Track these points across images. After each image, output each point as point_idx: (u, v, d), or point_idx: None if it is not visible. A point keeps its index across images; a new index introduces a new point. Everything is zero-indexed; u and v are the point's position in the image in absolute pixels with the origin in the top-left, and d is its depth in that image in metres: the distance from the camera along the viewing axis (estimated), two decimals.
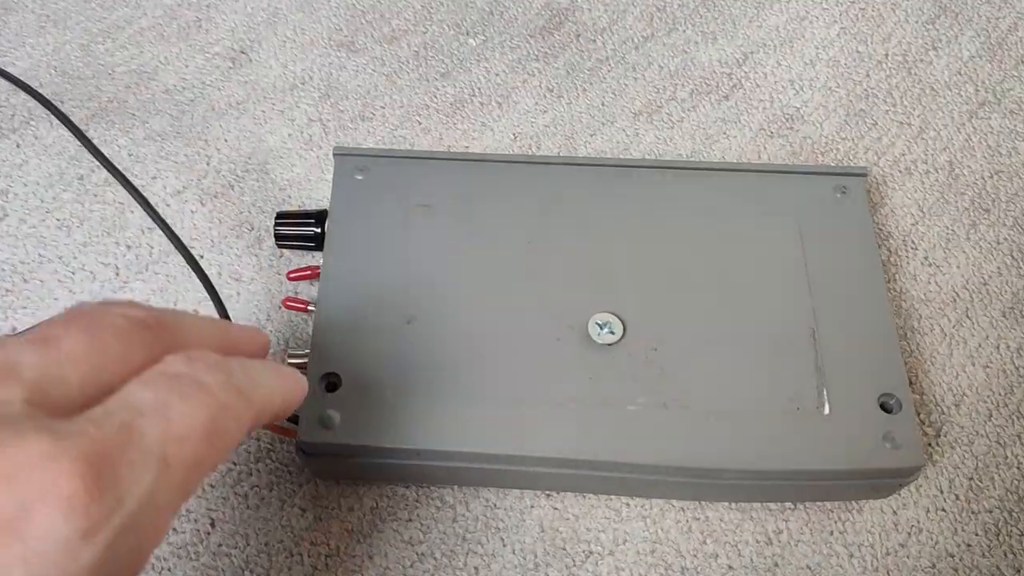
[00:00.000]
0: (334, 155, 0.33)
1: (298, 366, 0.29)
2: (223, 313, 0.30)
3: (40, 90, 0.37)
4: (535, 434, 0.27)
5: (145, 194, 0.32)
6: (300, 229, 0.32)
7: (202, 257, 0.34)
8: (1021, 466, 0.30)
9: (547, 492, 0.29)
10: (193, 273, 0.30)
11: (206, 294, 0.30)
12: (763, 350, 0.29)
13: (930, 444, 0.31)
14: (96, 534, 0.15)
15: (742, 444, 0.27)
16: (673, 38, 0.41)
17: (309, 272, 0.32)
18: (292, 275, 0.32)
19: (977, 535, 0.29)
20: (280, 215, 0.33)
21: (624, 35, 0.41)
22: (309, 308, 0.31)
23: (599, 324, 0.29)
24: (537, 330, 0.29)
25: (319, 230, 0.32)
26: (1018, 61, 0.41)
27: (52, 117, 0.35)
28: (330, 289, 0.30)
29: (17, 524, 0.14)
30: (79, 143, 0.34)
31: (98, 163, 0.33)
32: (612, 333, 0.29)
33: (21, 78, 0.37)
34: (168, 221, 0.32)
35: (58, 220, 0.35)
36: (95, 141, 0.35)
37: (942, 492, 0.30)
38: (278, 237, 0.32)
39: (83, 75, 0.39)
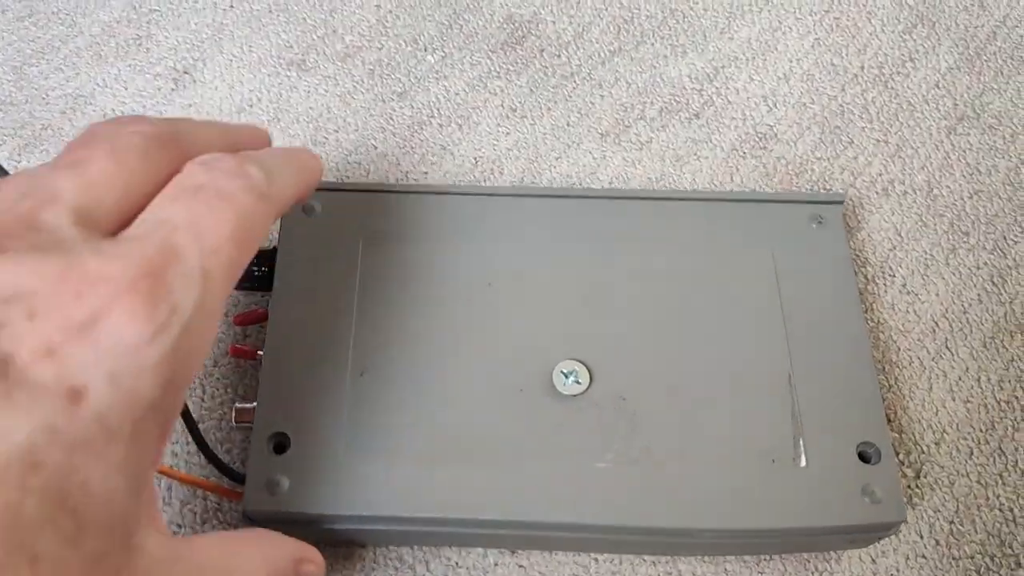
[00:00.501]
0: None
1: (247, 419, 0.28)
2: None
3: None
4: (499, 497, 0.26)
5: None
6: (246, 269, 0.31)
7: None
8: (1003, 507, 0.30)
9: (512, 550, 0.28)
10: None
11: None
12: (738, 397, 0.28)
13: (909, 486, 0.30)
14: (158, 338, 0.17)
15: (716, 502, 0.26)
16: (641, 52, 0.40)
17: (258, 315, 0.31)
18: (239, 319, 0.31)
19: None
20: None
21: (590, 49, 0.40)
22: (258, 354, 0.30)
23: (564, 373, 0.28)
24: (499, 381, 0.28)
25: (266, 270, 0.31)
26: (997, 72, 0.40)
27: None
28: (278, 339, 0.28)
29: (90, 332, 0.17)
30: None
31: None
32: (578, 383, 0.28)
33: None
34: None
35: None
36: None
37: (922, 537, 0.29)
38: None
39: (15, 100, 0.37)
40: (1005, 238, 0.35)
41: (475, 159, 0.37)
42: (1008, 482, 0.30)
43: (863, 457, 0.27)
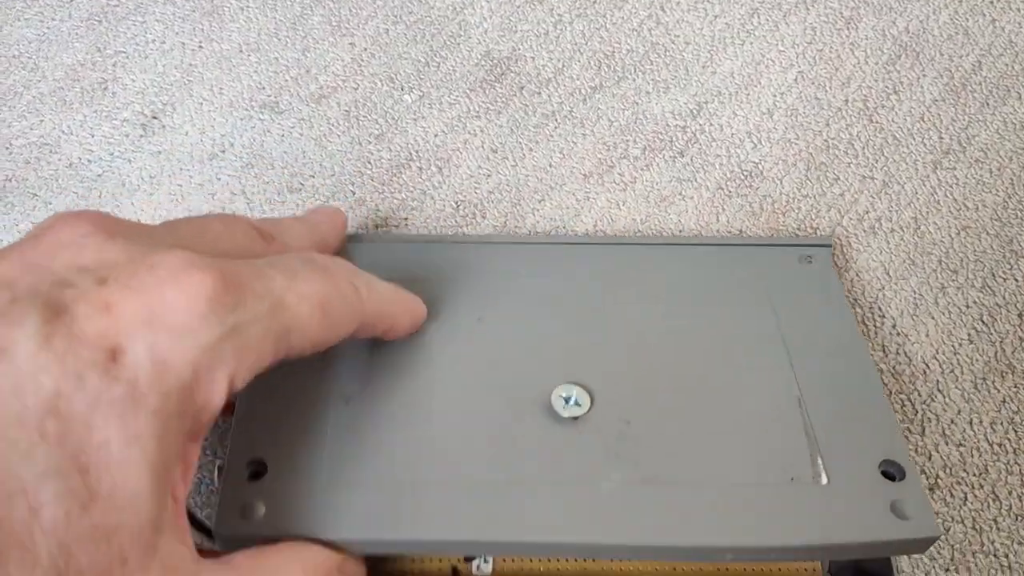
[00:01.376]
0: None
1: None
2: None
3: None
4: (493, 518, 0.26)
5: None
6: None
7: None
8: (998, 554, 0.31)
9: None
10: None
11: None
12: (747, 420, 0.28)
13: None
14: (209, 321, 0.19)
15: (737, 519, 0.26)
16: (623, 88, 0.41)
17: None
18: None
19: None
20: None
21: (571, 86, 0.41)
22: None
23: (564, 397, 0.28)
24: (493, 406, 0.28)
25: None
26: (982, 104, 0.42)
27: None
28: None
29: (149, 296, 0.19)
30: None
31: None
32: (578, 405, 0.28)
33: None
34: None
35: None
36: None
37: None
38: None
39: None
40: (994, 275, 0.37)
41: (456, 203, 0.38)
42: (1002, 527, 0.31)
43: (887, 475, 0.27)
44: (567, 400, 0.28)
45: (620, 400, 0.29)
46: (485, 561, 0.28)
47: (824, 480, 0.27)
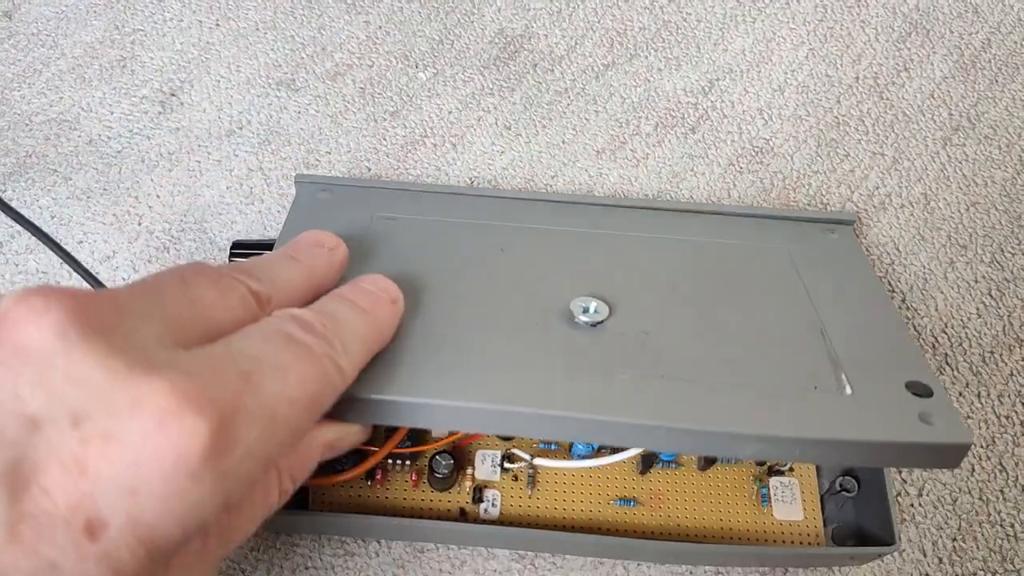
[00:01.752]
0: (296, 183, 0.33)
1: None
2: None
3: None
4: (507, 390, 0.25)
5: None
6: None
7: None
8: (1004, 523, 0.31)
9: (522, 552, 0.29)
10: None
11: None
12: (768, 341, 0.28)
13: (912, 504, 0.31)
14: (205, 471, 0.17)
15: (757, 410, 0.25)
16: (635, 65, 0.41)
17: None
18: None
19: None
20: (236, 244, 0.33)
21: (583, 63, 0.41)
22: None
23: (583, 306, 0.28)
24: (514, 315, 0.28)
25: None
26: (992, 81, 0.42)
27: None
28: None
29: (132, 451, 0.16)
30: None
31: (19, 228, 0.32)
32: (597, 313, 0.28)
33: None
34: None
35: None
36: (14, 203, 0.35)
37: (925, 555, 0.31)
38: None
39: None
40: (1002, 250, 0.37)
41: (471, 179, 0.38)
42: (1009, 497, 0.32)
43: (914, 394, 0.27)
44: (585, 309, 0.28)
45: (640, 315, 0.28)
46: (493, 505, 0.29)
47: (848, 391, 0.26)
